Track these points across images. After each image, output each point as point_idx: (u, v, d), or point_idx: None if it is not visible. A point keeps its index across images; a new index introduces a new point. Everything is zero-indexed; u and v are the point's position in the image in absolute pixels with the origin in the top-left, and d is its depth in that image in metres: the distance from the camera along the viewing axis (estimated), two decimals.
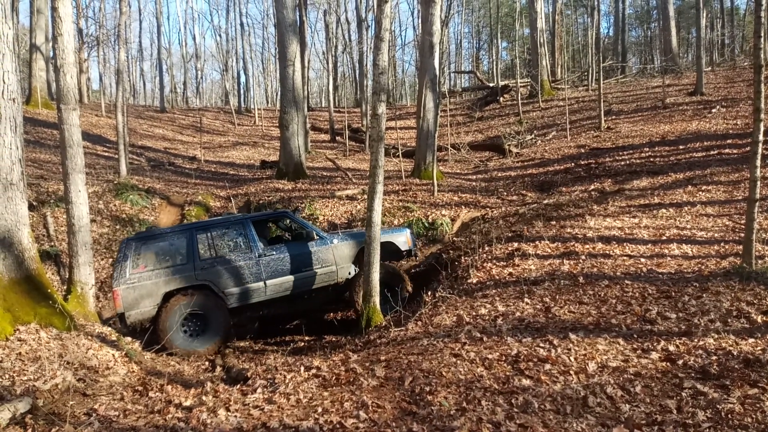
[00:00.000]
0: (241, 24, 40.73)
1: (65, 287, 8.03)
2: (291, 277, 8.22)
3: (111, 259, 11.26)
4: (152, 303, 7.64)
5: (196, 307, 7.72)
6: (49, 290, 6.16)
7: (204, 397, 4.77)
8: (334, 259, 8.46)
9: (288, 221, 9.24)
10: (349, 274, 8.57)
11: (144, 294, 7.61)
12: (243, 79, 46.76)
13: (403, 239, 8.91)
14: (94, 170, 15.92)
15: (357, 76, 36.73)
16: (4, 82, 5.78)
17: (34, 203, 11.84)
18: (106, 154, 20.08)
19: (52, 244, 10.94)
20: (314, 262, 8.35)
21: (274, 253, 8.23)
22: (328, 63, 29.82)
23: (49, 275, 9.26)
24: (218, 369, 6.81)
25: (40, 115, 23.30)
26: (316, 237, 8.46)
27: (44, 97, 25.12)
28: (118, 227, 12.51)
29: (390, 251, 8.72)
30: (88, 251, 7.66)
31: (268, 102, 50.14)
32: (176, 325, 7.59)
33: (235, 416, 4.24)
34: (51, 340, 5.69)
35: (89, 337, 6.21)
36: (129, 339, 7.00)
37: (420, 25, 20.66)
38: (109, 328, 7.07)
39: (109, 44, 36.32)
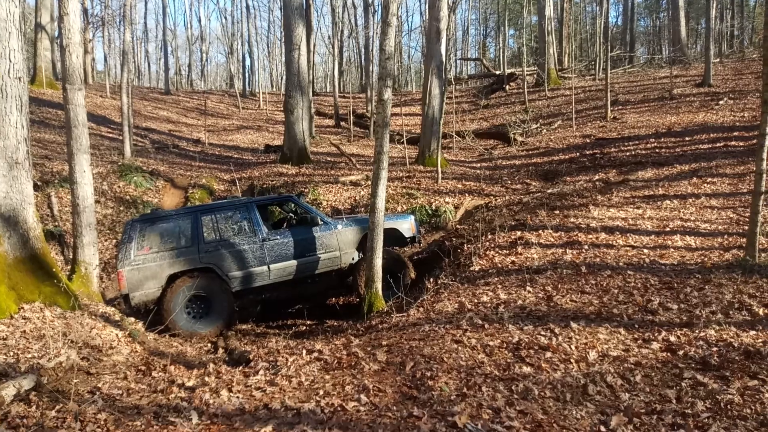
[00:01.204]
0: (247, 6, 40.45)
1: (69, 267, 8.08)
2: (295, 262, 8.24)
3: (115, 240, 11.30)
4: (156, 285, 7.66)
5: (200, 289, 7.76)
6: (53, 269, 6.20)
7: (207, 378, 4.81)
8: (338, 244, 8.47)
9: (293, 206, 9.25)
10: (353, 259, 8.59)
11: (148, 276, 7.63)
12: (248, 62, 46.61)
13: (407, 226, 8.91)
14: (99, 151, 15.94)
15: (362, 61, 36.50)
16: (10, 61, 5.77)
17: (39, 183, 11.87)
18: (111, 135, 20.07)
19: (56, 224, 10.98)
20: (318, 247, 8.36)
21: (279, 237, 8.24)
22: (333, 48, 29.66)
23: (53, 255, 9.30)
24: (220, 351, 6.86)
25: (45, 95, 23.28)
26: (320, 222, 8.46)
27: (49, 77, 25.09)
28: (122, 208, 12.54)
29: (394, 237, 8.74)
30: (92, 232, 7.69)
31: (272, 86, 49.94)
32: (180, 306, 7.63)
33: (238, 397, 4.28)
34: (55, 319, 5.74)
35: (93, 317, 6.26)
36: (132, 319, 7.05)
37: (427, 10, 20.50)
38: (113, 308, 7.12)
39: (115, 25, 36.13)
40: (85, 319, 6.06)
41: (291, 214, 9.39)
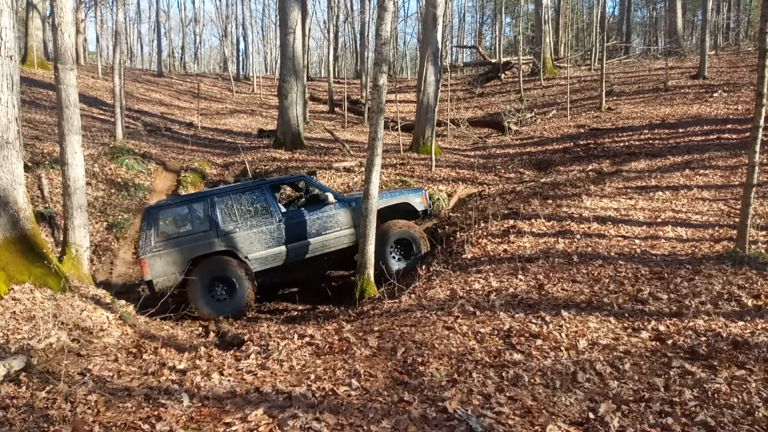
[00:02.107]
0: None
1: (60, 249, 8.03)
2: (312, 240, 8.35)
3: (105, 223, 11.24)
4: (179, 270, 7.75)
5: (221, 272, 7.83)
6: (44, 251, 6.17)
7: (198, 361, 4.82)
8: (352, 221, 8.54)
9: (306, 185, 9.42)
10: None
11: (170, 261, 7.73)
12: (242, 45, 46.19)
13: (419, 200, 9.05)
14: (90, 133, 15.77)
15: (358, 47, 36.30)
16: (2, 39, 5.69)
17: (29, 164, 11.76)
18: (102, 117, 19.88)
19: (47, 205, 10.90)
20: (334, 225, 8.46)
21: (295, 216, 8.35)
22: (329, 32, 29.43)
23: (44, 237, 9.23)
24: (212, 335, 6.86)
25: (36, 75, 23.00)
26: (334, 200, 8.52)
27: (40, 56, 24.76)
28: (113, 191, 12.46)
29: (407, 211, 8.92)
30: (83, 213, 7.65)
31: (267, 70, 49.54)
32: (204, 290, 7.74)
33: (229, 380, 4.28)
34: (45, 300, 5.71)
35: (84, 299, 6.23)
36: (123, 302, 7.04)
37: None
38: (104, 291, 7.09)
39: (107, 5, 35.73)
40: (76, 301, 6.04)
41: (304, 193, 9.51)
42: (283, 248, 8.21)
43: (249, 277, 7.94)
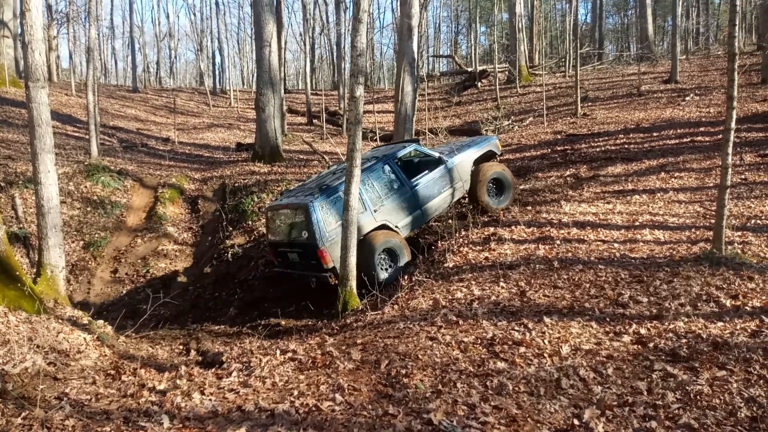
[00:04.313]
0: (216, 3, 39.79)
1: (35, 270, 7.86)
2: (437, 200, 9.24)
3: (82, 242, 11.06)
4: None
5: (386, 246, 8.33)
6: (17, 272, 6.03)
7: (178, 381, 4.73)
8: (459, 175, 9.50)
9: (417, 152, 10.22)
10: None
11: None
12: (218, 59, 46.00)
13: (495, 144, 10.29)
14: (64, 151, 15.54)
15: (335, 58, 36.33)
16: None
17: (2, 184, 11.55)
18: (77, 134, 19.61)
19: (21, 226, 10.69)
20: (447, 182, 9.36)
21: (421, 181, 9.09)
22: (305, 44, 29.48)
23: (18, 258, 9.04)
24: (193, 353, 6.76)
25: (8, 94, 22.64)
26: (443, 160, 9.38)
27: (12, 74, 24.38)
28: (89, 209, 12.27)
29: (491, 156, 10.18)
30: (58, 233, 7.49)
31: (243, 83, 49.36)
32: (377, 264, 8.24)
33: (210, 400, 4.21)
34: (20, 324, 5.57)
35: (60, 321, 6.10)
36: (101, 322, 6.90)
37: (399, 7, 20.49)
38: (81, 312, 6.95)
39: (80, 21, 35.40)
40: (52, 323, 5.90)
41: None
42: (419, 212, 8.99)
43: (405, 245, 8.62)
